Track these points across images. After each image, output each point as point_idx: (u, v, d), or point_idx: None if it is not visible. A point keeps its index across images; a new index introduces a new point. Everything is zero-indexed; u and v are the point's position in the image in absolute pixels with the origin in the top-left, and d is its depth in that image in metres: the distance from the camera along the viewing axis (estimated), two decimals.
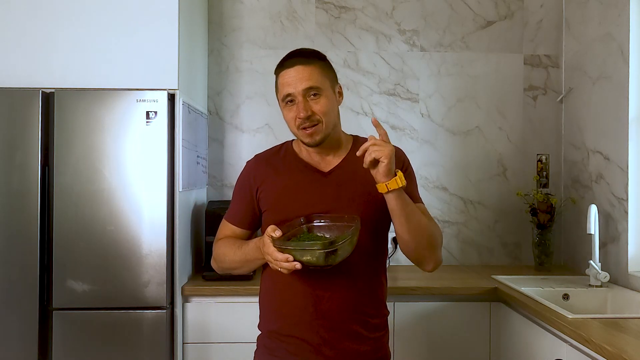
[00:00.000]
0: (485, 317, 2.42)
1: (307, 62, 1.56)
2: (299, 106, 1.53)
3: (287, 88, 1.55)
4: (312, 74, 1.54)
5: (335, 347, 1.53)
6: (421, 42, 3.07)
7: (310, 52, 1.61)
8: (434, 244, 1.55)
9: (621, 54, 2.44)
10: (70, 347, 2.24)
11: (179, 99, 2.36)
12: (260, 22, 3.03)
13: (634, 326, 1.80)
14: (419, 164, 3.04)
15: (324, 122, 1.55)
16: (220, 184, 3.02)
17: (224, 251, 1.66)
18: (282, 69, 1.58)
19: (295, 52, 1.62)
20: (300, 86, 1.53)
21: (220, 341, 2.37)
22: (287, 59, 1.59)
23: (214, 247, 1.72)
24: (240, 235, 1.69)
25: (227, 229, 1.72)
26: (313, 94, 1.54)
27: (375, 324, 1.60)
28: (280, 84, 1.58)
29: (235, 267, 1.65)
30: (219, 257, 1.68)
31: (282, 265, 1.41)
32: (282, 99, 1.58)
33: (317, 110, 1.54)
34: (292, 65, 1.55)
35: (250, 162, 1.73)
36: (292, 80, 1.54)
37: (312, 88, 1.54)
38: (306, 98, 1.54)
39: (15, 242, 2.23)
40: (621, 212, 2.43)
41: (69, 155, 2.26)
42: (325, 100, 1.56)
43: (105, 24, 2.36)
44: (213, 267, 1.74)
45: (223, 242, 1.68)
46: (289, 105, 1.56)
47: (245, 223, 1.69)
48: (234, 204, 1.72)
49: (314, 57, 1.59)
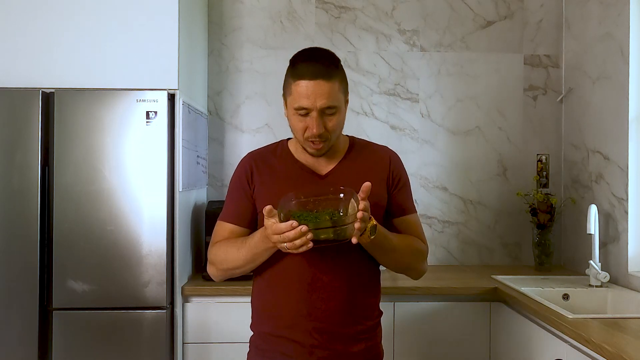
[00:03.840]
0: (485, 317, 2.42)
1: (329, 76, 1.47)
2: (313, 122, 1.48)
3: (304, 101, 1.47)
4: (332, 91, 1.48)
5: (327, 347, 1.53)
6: (421, 42, 3.07)
7: (331, 60, 1.52)
8: (413, 266, 1.65)
9: (621, 54, 2.44)
10: (70, 347, 2.24)
11: (179, 99, 2.36)
12: (260, 22, 3.03)
13: (634, 326, 1.80)
14: (419, 164, 3.04)
15: (332, 138, 1.54)
16: (220, 184, 3.02)
17: (225, 252, 1.57)
18: (300, 78, 1.47)
19: (315, 55, 1.52)
20: (319, 103, 1.46)
21: (220, 341, 2.37)
22: (307, 65, 1.48)
23: (211, 252, 1.62)
24: (239, 235, 1.61)
25: (224, 230, 1.63)
26: (329, 112, 1.49)
27: (368, 325, 1.60)
28: (295, 92, 1.48)
29: (239, 265, 1.55)
30: (219, 258, 1.59)
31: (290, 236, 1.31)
32: (294, 107, 1.50)
33: (330, 128, 1.51)
34: (313, 78, 1.46)
35: (245, 159, 1.68)
36: (311, 94, 1.46)
37: (330, 107, 1.49)
38: (321, 115, 1.48)
39: (15, 242, 2.23)
40: (621, 212, 2.43)
41: (69, 155, 2.26)
42: (338, 117, 1.52)
43: (105, 24, 2.36)
44: (210, 274, 1.64)
45: (222, 244, 1.60)
46: (301, 115, 1.50)
47: (245, 220, 1.61)
48: (231, 203, 1.65)
49: (334, 66, 1.51)
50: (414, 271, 1.67)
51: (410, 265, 1.64)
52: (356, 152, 1.65)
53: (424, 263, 1.67)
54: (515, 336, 2.24)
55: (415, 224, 1.67)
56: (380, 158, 1.65)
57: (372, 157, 1.65)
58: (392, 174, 1.64)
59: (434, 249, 3.02)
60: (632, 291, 2.30)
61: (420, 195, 3.03)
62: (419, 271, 1.68)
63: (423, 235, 1.68)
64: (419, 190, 3.03)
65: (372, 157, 1.66)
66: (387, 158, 1.66)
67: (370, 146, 1.70)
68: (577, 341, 1.74)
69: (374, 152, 1.68)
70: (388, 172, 1.64)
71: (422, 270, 1.68)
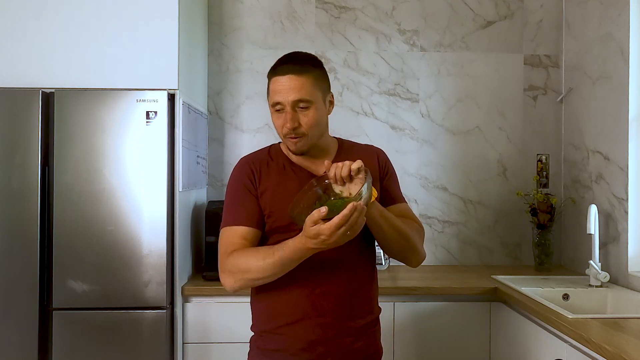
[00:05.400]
0: (485, 317, 2.42)
1: (301, 72, 1.53)
2: (287, 116, 1.52)
3: (277, 96, 1.53)
4: (304, 86, 1.52)
5: (328, 344, 1.54)
6: (421, 42, 3.07)
7: (305, 59, 1.58)
8: (413, 245, 1.60)
9: (621, 54, 2.44)
10: (70, 347, 2.24)
11: (179, 99, 2.36)
12: (260, 22, 3.03)
13: (634, 326, 1.80)
14: (419, 164, 3.05)
15: (309, 135, 1.55)
16: (220, 184, 3.02)
17: (247, 262, 1.49)
18: (274, 75, 1.55)
19: (290, 56, 1.59)
20: (290, 97, 1.51)
21: (220, 341, 2.37)
22: (280, 64, 1.56)
23: (228, 262, 1.52)
24: (252, 239, 1.56)
25: (235, 235, 1.56)
26: (302, 106, 1.53)
27: (368, 321, 1.61)
28: (271, 90, 1.56)
29: (266, 275, 1.49)
30: (240, 268, 1.50)
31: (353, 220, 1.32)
32: (271, 105, 1.57)
33: (304, 123, 1.53)
34: (284, 73, 1.53)
35: (242, 163, 1.66)
36: (282, 89, 1.52)
37: (302, 100, 1.52)
38: (295, 109, 1.52)
39: (15, 242, 2.23)
40: (621, 212, 2.43)
41: (69, 155, 2.26)
42: (313, 113, 1.54)
43: (105, 24, 2.36)
44: (226, 285, 1.54)
45: (241, 254, 1.51)
46: (278, 112, 1.55)
47: (256, 221, 1.57)
48: (236, 206, 1.60)
49: (308, 64, 1.56)
50: (415, 252, 1.61)
51: (410, 243, 1.58)
52: (345, 153, 1.67)
53: (422, 245, 1.66)
54: (515, 336, 2.24)
55: (407, 210, 1.70)
56: (368, 156, 1.68)
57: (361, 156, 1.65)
58: (380, 167, 1.68)
59: (434, 249, 3.02)
60: (632, 291, 2.30)
61: (420, 195, 3.03)
62: (419, 252, 1.63)
63: (418, 220, 1.70)
64: (419, 190, 3.03)
65: (360, 155, 1.66)
66: (375, 155, 1.70)
67: (357, 146, 1.74)
68: (577, 341, 1.74)
69: (362, 152, 1.70)
70: (377, 167, 1.67)
71: (422, 252, 1.64)
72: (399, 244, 1.58)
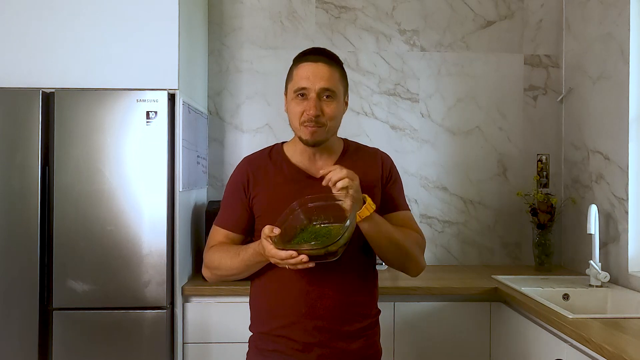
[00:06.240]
0: (485, 317, 2.42)
1: (331, 63, 1.55)
2: (311, 103, 1.51)
3: (304, 81, 1.52)
4: (333, 76, 1.54)
5: (326, 345, 1.54)
6: (421, 42, 3.07)
7: (334, 55, 1.60)
8: (412, 256, 1.59)
9: (621, 54, 2.44)
10: (70, 347, 2.24)
11: (179, 99, 2.36)
12: (260, 22, 3.03)
13: (634, 326, 1.80)
14: (419, 164, 3.05)
15: (329, 126, 1.55)
16: (221, 184, 3.02)
17: (219, 259, 1.60)
18: (303, 61, 1.55)
19: (319, 49, 1.60)
20: (318, 84, 1.51)
21: (220, 341, 2.37)
22: (311, 53, 1.57)
23: (206, 255, 1.65)
24: (234, 241, 1.64)
25: (219, 235, 1.66)
26: (327, 95, 1.53)
27: (367, 323, 1.61)
28: (296, 75, 1.55)
29: (232, 274, 1.60)
30: (213, 264, 1.62)
31: (290, 262, 1.38)
32: (294, 90, 1.54)
33: (327, 113, 1.53)
34: (315, 61, 1.54)
35: (241, 164, 1.69)
36: (311, 75, 1.52)
37: (329, 90, 1.53)
38: (320, 97, 1.52)
39: (15, 242, 2.23)
40: (621, 212, 2.43)
41: (69, 155, 2.26)
42: (336, 105, 1.55)
43: (106, 24, 2.36)
44: (205, 276, 1.67)
45: (217, 249, 1.62)
46: (300, 98, 1.53)
47: (240, 227, 1.64)
48: (227, 209, 1.66)
49: (337, 61, 1.59)
50: (414, 263, 1.61)
51: (409, 255, 1.58)
52: (350, 154, 1.66)
53: (422, 255, 1.64)
54: (515, 336, 2.24)
55: (410, 219, 1.68)
56: (373, 160, 1.67)
57: (366, 159, 1.67)
58: (384, 172, 1.66)
59: (434, 249, 3.02)
60: (632, 291, 2.30)
61: (420, 195, 3.03)
62: (418, 263, 1.62)
63: (419, 230, 1.69)
64: (419, 190, 3.03)
65: (365, 159, 1.67)
66: (379, 159, 1.69)
67: (363, 148, 1.73)
68: (577, 341, 1.74)
69: (367, 154, 1.70)
70: (381, 172, 1.66)
71: (421, 263, 1.64)
72: (396, 255, 1.58)
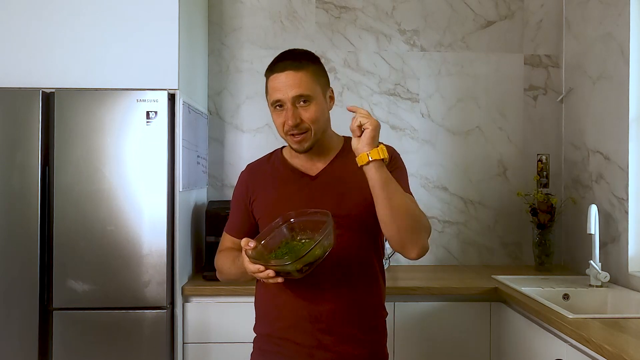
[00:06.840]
0: (485, 317, 2.42)
1: (298, 67, 1.51)
2: (288, 113, 1.50)
3: (277, 94, 1.51)
4: (302, 81, 1.50)
5: (330, 350, 1.52)
6: (421, 42, 3.07)
7: (302, 54, 1.57)
8: (417, 227, 1.46)
9: (621, 53, 2.44)
10: (70, 347, 2.24)
11: (179, 99, 2.36)
12: (260, 22, 3.03)
13: (634, 326, 1.80)
14: (419, 164, 3.04)
15: (313, 129, 1.53)
16: (221, 184, 3.02)
17: (222, 264, 1.67)
18: (272, 73, 1.54)
19: (286, 53, 1.58)
20: (289, 93, 1.50)
21: (220, 341, 2.37)
22: (277, 62, 1.55)
23: (216, 260, 1.72)
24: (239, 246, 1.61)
25: (227, 240, 1.72)
26: (303, 101, 1.51)
27: (372, 326, 1.59)
28: (270, 88, 1.55)
29: (234, 278, 1.65)
30: (219, 268, 1.70)
31: (260, 276, 1.40)
32: (271, 104, 1.55)
33: (306, 118, 1.52)
34: (282, 70, 1.51)
35: (243, 173, 1.73)
36: (281, 86, 1.50)
37: (302, 96, 1.50)
38: (295, 105, 1.51)
39: (15, 242, 2.23)
40: (621, 212, 2.43)
41: (69, 155, 2.26)
42: (314, 108, 1.53)
43: (106, 24, 2.36)
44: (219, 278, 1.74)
45: (222, 255, 1.70)
46: (278, 110, 1.53)
47: (243, 233, 1.64)
48: (232, 216, 1.73)
49: (305, 60, 1.55)
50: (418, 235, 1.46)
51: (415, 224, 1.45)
52: (348, 151, 1.62)
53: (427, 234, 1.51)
54: (516, 336, 2.24)
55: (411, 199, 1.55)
56: None
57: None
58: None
59: (434, 249, 3.02)
60: (632, 291, 2.29)
61: (421, 195, 3.03)
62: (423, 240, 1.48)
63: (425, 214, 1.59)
64: (419, 190, 3.03)
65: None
66: None
67: None
68: (578, 341, 1.73)
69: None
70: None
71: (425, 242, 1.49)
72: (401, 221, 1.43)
